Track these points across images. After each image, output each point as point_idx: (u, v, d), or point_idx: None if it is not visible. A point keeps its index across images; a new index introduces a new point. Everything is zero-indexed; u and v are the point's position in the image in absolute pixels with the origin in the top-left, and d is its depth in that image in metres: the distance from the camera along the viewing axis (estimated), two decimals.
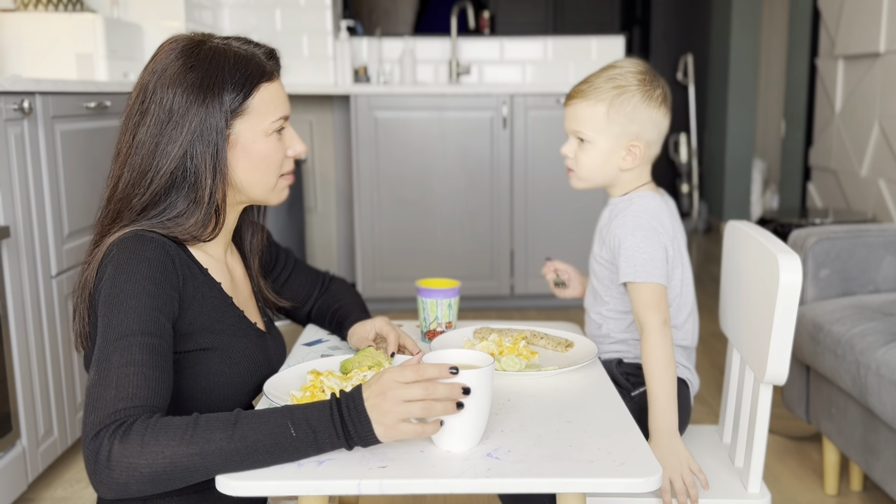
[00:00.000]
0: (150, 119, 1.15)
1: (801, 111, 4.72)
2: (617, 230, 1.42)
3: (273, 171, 1.23)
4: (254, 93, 1.18)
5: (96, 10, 3.23)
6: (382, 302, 3.84)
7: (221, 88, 1.16)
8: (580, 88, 1.44)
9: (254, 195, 1.24)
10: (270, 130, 1.20)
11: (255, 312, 1.33)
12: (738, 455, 1.40)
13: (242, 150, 1.19)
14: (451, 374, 0.99)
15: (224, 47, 1.19)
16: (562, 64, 4.32)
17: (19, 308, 2.00)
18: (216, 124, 1.16)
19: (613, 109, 1.41)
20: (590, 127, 1.43)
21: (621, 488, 0.95)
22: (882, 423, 1.81)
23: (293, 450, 0.97)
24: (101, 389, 1.00)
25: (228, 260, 1.31)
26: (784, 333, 1.24)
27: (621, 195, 1.48)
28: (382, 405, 0.97)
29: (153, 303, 1.07)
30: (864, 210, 3.31)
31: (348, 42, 4.06)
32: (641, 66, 1.45)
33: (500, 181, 3.80)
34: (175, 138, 1.15)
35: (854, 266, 2.18)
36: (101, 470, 0.95)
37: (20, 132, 2.01)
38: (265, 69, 1.20)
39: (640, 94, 1.41)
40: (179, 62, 1.16)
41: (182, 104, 1.15)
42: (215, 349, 1.18)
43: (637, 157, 1.43)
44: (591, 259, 1.54)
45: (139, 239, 1.12)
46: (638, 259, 1.38)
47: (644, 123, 1.42)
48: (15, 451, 1.99)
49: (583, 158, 1.45)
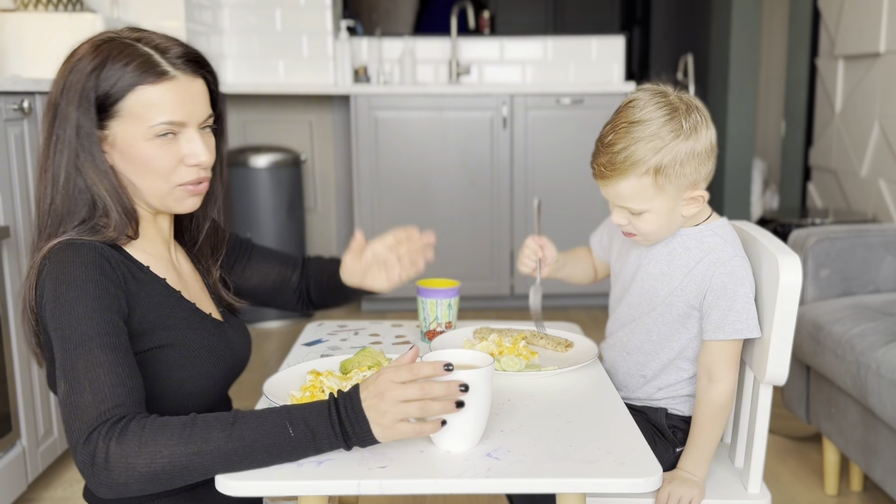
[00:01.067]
0: (45, 131, 1.15)
1: (801, 111, 4.72)
2: (725, 278, 1.27)
3: (160, 177, 1.15)
4: (129, 94, 1.11)
5: (96, 10, 3.23)
6: (382, 302, 3.84)
7: (91, 89, 1.11)
8: (614, 165, 1.24)
9: (150, 201, 1.18)
10: (151, 135, 1.13)
11: (209, 304, 1.30)
12: (738, 455, 1.40)
13: (121, 153, 1.14)
14: (445, 371, 0.99)
15: (129, 42, 1.13)
16: (562, 64, 4.32)
17: (19, 308, 2.00)
18: (87, 128, 1.12)
19: (661, 176, 1.23)
20: (640, 201, 1.26)
21: (621, 488, 0.95)
22: (882, 423, 1.81)
23: (291, 450, 0.97)
24: (76, 397, 0.99)
25: (174, 257, 1.28)
26: (784, 333, 1.24)
27: (692, 226, 1.34)
28: (380, 406, 0.97)
29: (101, 304, 1.05)
30: (865, 210, 3.31)
31: (348, 42, 4.06)
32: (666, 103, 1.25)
33: (500, 181, 3.80)
34: (61, 144, 1.12)
35: (854, 266, 2.18)
36: (100, 471, 0.95)
37: (20, 132, 2.01)
38: (156, 69, 1.12)
39: (683, 144, 1.23)
40: (84, 60, 1.13)
41: (60, 108, 1.12)
42: (172, 345, 1.16)
43: (700, 201, 1.29)
44: (643, 302, 1.36)
45: (70, 246, 1.09)
46: (750, 315, 1.26)
47: (696, 167, 1.26)
48: (15, 451, 1.99)
49: (642, 227, 1.30)
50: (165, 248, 1.25)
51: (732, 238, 1.32)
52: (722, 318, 1.27)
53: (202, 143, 1.16)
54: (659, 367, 1.38)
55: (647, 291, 1.37)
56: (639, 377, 1.41)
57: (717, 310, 1.27)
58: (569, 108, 3.76)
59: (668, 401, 1.40)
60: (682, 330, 1.34)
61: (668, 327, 1.35)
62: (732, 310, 1.26)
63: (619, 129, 1.25)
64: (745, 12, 5.25)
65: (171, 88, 1.13)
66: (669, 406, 1.40)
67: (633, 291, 1.39)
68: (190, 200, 1.20)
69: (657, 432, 1.39)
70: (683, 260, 1.32)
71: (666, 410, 1.40)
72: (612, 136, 1.26)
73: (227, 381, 1.26)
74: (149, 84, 1.11)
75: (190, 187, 1.18)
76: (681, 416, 1.40)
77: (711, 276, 1.28)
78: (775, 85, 5.30)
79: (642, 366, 1.40)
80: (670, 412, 1.40)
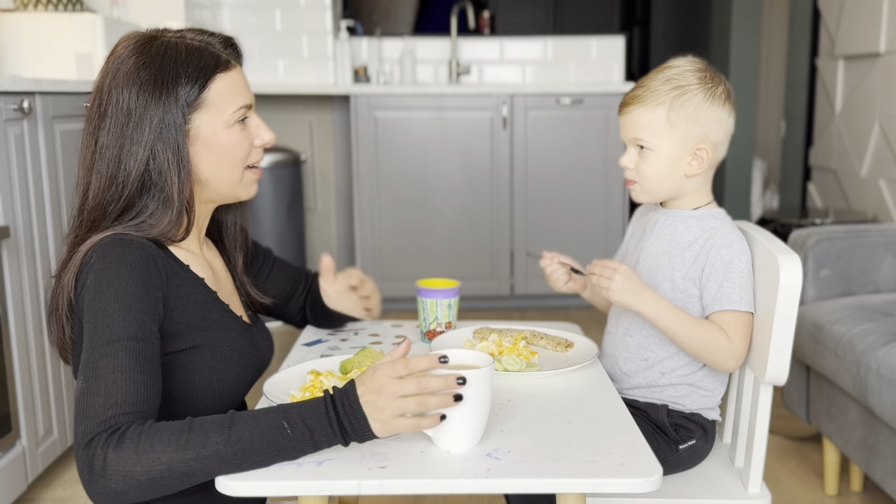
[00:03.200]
0: (110, 121, 1.13)
1: (801, 111, 4.72)
2: (722, 250, 1.31)
3: (238, 163, 1.20)
4: (209, 84, 1.15)
5: (96, 10, 3.23)
6: (382, 302, 3.83)
7: (175, 83, 1.13)
8: (635, 94, 1.34)
9: (221, 190, 1.22)
10: (232, 121, 1.18)
11: (239, 306, 1.32)
12: (739, 455, 1.40)
13: (204, 145, 1.17)
14: (441, 363, 0.99)
15: (177, 41, 1.16)
16: (562, 64, 4.32)
17: (19, 308, 2.00)
18: (174, 121, 1.13)
19: (675, 112, 1.30)
20: (650, 133, 1.32)
21: (621, 488, 0.95)
22: (882, 424, 1.81)
23: (290, 449, 0.97)
24: (90, 398, 0.99)
25: (206, 255, 1.29)
26: (784, 334, 1.24)
27: (692, 209, 1.38)
28: (378, 401, 0.97)
29: (138, 305, 1.05)
30: (865, 210, 3.31)
31: (348, 42, 4.06)
32: (700, 64, 1.35)
33: (500, 181, 3.80)
34: (137, 139, 1.13)
35: (854, 266, 2.18)
36: (97, 480, 0.95)
37: (20, 132, 2.01)
38: (220, 59, 1.17)
39: (701, 93, 1.31)
40: (132, 60, 1.14)
41: (139, 103, 1.12)
42: (205, 346, 1.17)
43: (704, 160, 1.33)
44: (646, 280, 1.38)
45: (119, 242, 1.10)
46: (744, 286, 1.29)
47: (709, 124, 1.32)
48: (15, 451, 1.99)
49: (645, 168, 1.34)
50: (198, 246, 1.26)
51: (731, 221, 1.38)
52: (717, 289, 1.31)
53: (265, 124, 1.23)
54: (661, 350, 1.39)
55: (649, 270, 1.40)
56: (640, 360, 1.41)
57: (713, 281, 1.32)
58: (569, 108, 3.76)
59: (670, 391, 1.39)
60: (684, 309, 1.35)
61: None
62: (727, 280, 1.30)
63: (650, 73, 1.36)
64: (745, 12, 5.25)
65: (237, 74, 1.20)
66: (671, 401, 1.40)
67: (639, 272, 1.41)
68: (254, 186, 1.25)
69: (659, 431, 1.38)
70: (684, 237, 1.37)
71: (667, 407, 1.40)
72: (642, 78, 1.36)
73: (251, 384, 1.27)
74: (221, 72, 1.17)
75: (256, 170, 1.24)
76: (683, 412, 1.40)
77: (709, 249, 1.33)
78: (775, 85, 5.30)
79: (644, 349, 1.40)
80: (672, 409, 1.40)
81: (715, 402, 1.42)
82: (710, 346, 1.30)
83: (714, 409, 1.42)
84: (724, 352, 1.30)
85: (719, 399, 1.43)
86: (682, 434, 1.39)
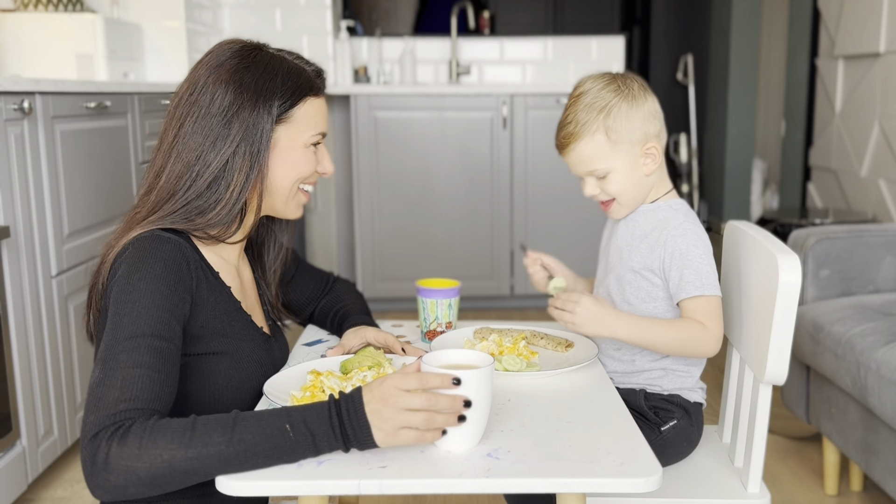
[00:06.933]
0: (200, 111, 1.17)
1: (801, 111, 4.72)
2: (678, 239, 1.35)
3: (299, 181, 1.26)
4: (300, 103, 1.22)
5: (96, 10, 3.23)
6: (382, 302, 3.84)
7: (272, 93, 1.19)
8: (568, 132, 1.39)
9: (274, 203, 1.26)
10: (308, 143, 1.24)
11: (261, 317, 1.34)
12: (738, 455, 1.40)
13: (280, 154, 1.22)
14: (453, 385, 0.99)
15: (280, 56, 1.24)
16: (562, 64, 4.32)
17: (19, 308, 2.00)
18: (264, 127, 1.18)
19: (611, 132, 1.36)
20: (600, 160, 1.38)
21: (621, 488, 0.95)
22: (882, 423, 1.81)
23: (291, 452, 0.97)
24: (104, 389, 1.00)
25: (239, 265, 1.32)
26: (784, 333, 1.24)
27: (650, 201, 1.43)
28: (383, 412, 0.98)
29: (165, 304, 1.07)
30: (865, 210, 3.31)
31: (348, 42, 4.06)
32: (605, 77, 1.40)
33: (500, 181, 3.80)
34: (224, 136, 1.17)
35: (854, 266, 2.18)
36: (98, 472, 0.95)
37: (20, 132, 2.01)
38: (314, 84, 1.25)
39: (625, 103, 1.36)
40: (235, 61, 1.19)
41: (235, 102, 1.17)
42: (225, 353, 1.19)
43: (657, 155, 1.39)
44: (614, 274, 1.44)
45: (156, 238, 1.12)
46: (704, 271, 1.32)
47: (643, 123, 1.38)
48: (15, 451, 1.99)
49: (611, 188, 1.39)
50: (236, 256, 1.30)
51: (686, 210, 1.41)
52: (680, 278, 1.34)
53: (329, 156, 1.30)
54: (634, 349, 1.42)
55: (615, 263, 1.45)
56: (613, 350, 1.44)
57: (674, 270, 1.35)
58: None
59: (645, 375, 1.42)
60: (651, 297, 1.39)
61: (639, 294, 1.41)
62: (688, 268, 1.33)
63: (568, 107, 1.41)
64: (745, 12, 5.25)
65: (322, 103, 1.27)
66: (648, 384, 1.42)
67: (610, 267, 1.47)
68: (301, 209, 1.30)
69: (639, 416, 1.40)
70: (642, 229, 1.42)
71: (645, 391, 1.42)
72: (564, 115, 1.41)
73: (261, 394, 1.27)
74: (313, 96, 1.24)
75: (306, 193, 1.29)
76: (660, 394, 1.42)
77: (665, 240, 1.36)
78: (775, 85, 5.30)
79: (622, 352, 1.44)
80: (650, 392, 1.42)
81: (693, 381, 1.44)
82: (690, 341, 1.33)
83: (695, 391, 1.44)
84: (703, 340, 1.32)
85: (696, 378, 1.45)
86: (662, 416, 1.40)
